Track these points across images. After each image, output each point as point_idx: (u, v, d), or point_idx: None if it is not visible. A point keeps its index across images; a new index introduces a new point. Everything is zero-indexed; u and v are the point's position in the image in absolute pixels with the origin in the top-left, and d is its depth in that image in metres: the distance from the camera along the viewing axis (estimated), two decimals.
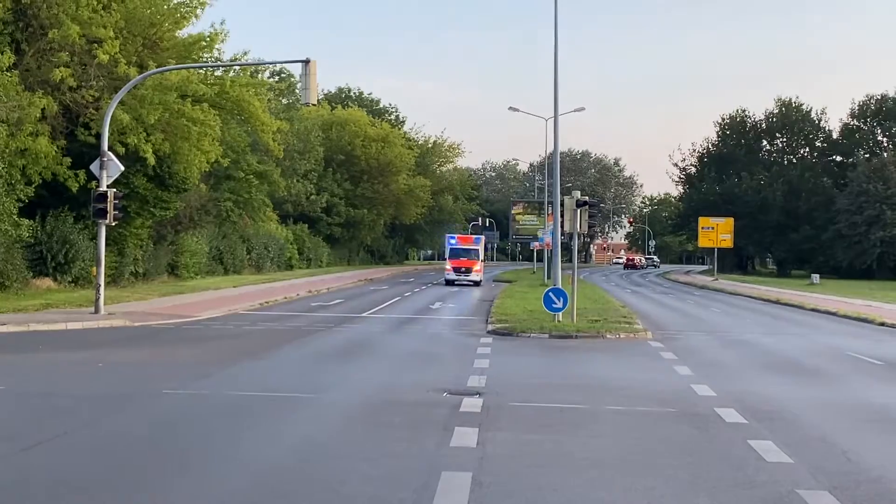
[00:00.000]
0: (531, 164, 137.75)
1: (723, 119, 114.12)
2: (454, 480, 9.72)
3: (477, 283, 60.94)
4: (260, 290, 44.67)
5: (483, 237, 75.95)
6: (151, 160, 36.88)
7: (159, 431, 12.42)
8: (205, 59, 40.64)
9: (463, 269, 61.90)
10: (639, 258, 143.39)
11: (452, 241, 66.14)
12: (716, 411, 14.40)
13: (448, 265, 63.36)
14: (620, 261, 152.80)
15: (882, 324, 34.70)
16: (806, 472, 10.63)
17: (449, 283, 61.07)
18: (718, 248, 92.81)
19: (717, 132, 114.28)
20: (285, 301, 39.52)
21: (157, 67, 35.75)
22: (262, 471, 10.23)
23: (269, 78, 65.24)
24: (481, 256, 65.27)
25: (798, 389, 17.58)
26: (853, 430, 13.56)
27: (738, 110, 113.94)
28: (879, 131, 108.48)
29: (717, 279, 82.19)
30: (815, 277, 77.96)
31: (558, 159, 33.42)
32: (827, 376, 19.93)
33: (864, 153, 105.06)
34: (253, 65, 45.64)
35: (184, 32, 40.50)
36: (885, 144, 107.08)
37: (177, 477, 9.94)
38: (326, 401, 15.06)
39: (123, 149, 35.25)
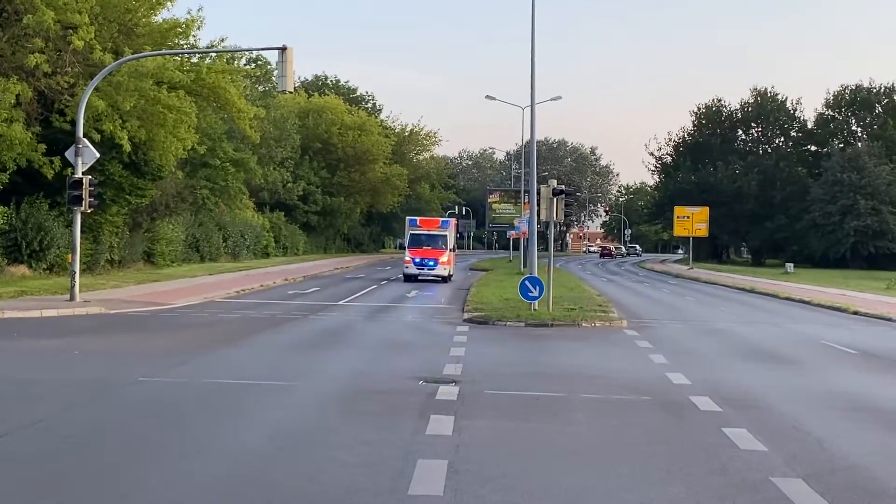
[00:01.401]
0: (508, 153, 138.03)
1: (698, 108, 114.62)
2: (430, 468, 9.75)
3: (445, 279, 49.48)
4: (236, 278, 44.56)
5: (453, 221, 60.73)
6: (127, 147, 36.65)
7: (135, 419, 12.39)
8: (181, 46, 40.35)
9: (426, 260, 49.13)
10: (614, 247, 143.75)
11: (414, 226, 52.72)
12: (690, 399, 14.50)
13: (408, 255, 50.33)
14: (593, 249, 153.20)
15: (856, 313, 34.99)
16: (780, 459, 10.72)
17: (409, 278, 49.14)
18: (694, 237, 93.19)
19: (693, 121, 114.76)
20: (261, 289, 39.44)
21: (132, 54, 35.52)
22: (239, 458, 10.23)
23: (245, 65, 64.85)
24: (451, 245, 51.87)
25: (772, 378, 17.71)
26: (827, 418, 13.68)
27: (713, 100, 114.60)
28: (854, 121, 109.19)
29: (692, 268, 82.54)
30: (790, 266, 78.47)
31: (535, 148, 33.46)
32: (801, 365, 20.09)
33: (839, 143, 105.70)
34: (229, 51, 45.37)
35: (159, 18, 40.24)
36: (860, 134, 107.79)
37: (153, 464, 9.92)
38: (302, 389, 15.07)
39: (99, 136, 35.00)
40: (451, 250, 51.33)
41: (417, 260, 49.24)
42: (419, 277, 48.77)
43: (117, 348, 19.68)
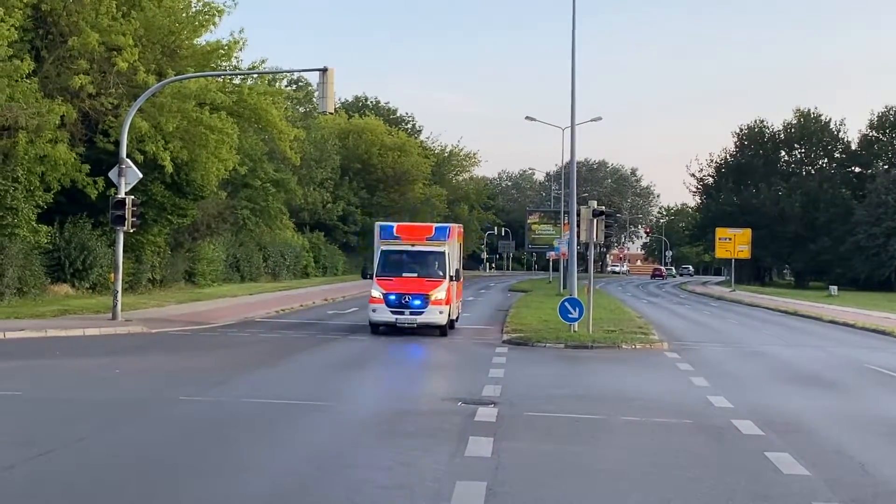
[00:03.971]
0: (547, 174, 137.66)
1: (741, 129, 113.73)
2: (469, 490, 9.70)
3: (442, 330, 28.84)
4: (276, 298, 44.73)
5: (456, 227, 32.78)
6: (169, 168, 37.01)
7: (175, 438, 12.44)
8: (223, 67, 40.74)
9: (408, 297, 28.33)
10: (665, 269, 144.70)
11: (388, 237, 30.13)
12: (732, 423, 14.34)
13: (376, 290, 28.76)
14: (618, 269, 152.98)
15: None
16: (823, 484, 10.57)
17: (378, 328, 28.91)
18: (736, 259, 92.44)
19: (735, 142, 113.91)
20: (301, 309, 39.56)
21: (175, 75, 35.91)
22: (278, 479, 10.23)
23: (286, 86, 65.37)
24: (453, 267, 29.77)
25: (815, 401, 17.50)
26: (871, 442, 13.49)
27: (756, 121, 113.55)
28: None
29: (734, 290, 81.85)
30: (833, 289, 77.56)
31: (575, 169, 33.39)
32: (845, 388, 19.83)
33: (884, 164, 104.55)
34: (271, 73, 45.77)
35: (202, 40, 40.64)
36: None
37: (192, 484, 9.95)
38: (342, 409, 15.07)
39: (142, 156, 35.37)
40: (452, 277, 29.50)
41: (393, 297, 28.37)
42: (398, 325, 28.39)
43: (158, 367, 19.80)
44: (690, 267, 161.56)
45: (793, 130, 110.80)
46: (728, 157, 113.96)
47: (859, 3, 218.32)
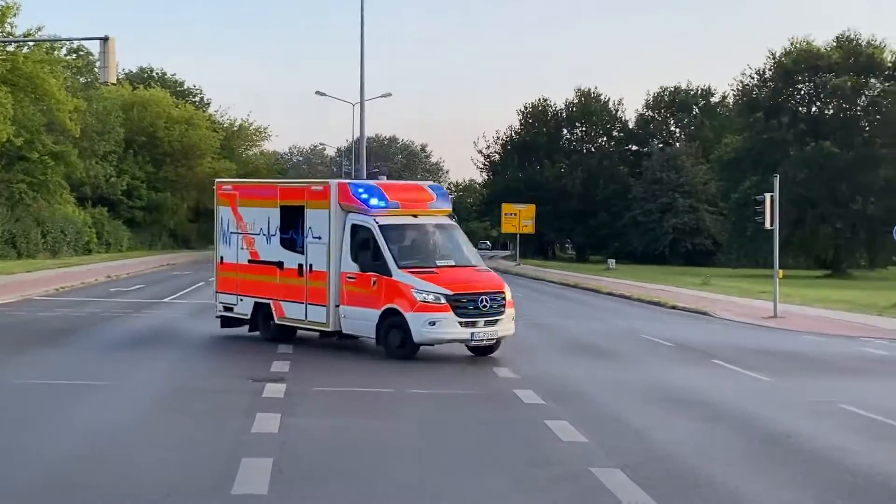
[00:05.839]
0: (338, 149, 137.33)
1: (525, 108, 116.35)
2: (255, 466, 9.67)
3: (497, 344, 19.06)
4: (56, 275, 43.06)
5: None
6: None
7: None
8: None
9: (484, 298, 18.23)
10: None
11: (376, 201, 18.87)
12: (515, 392, 14.77)
13: (424, 290, 17.93)
14: None
15: (673, 307, 36.19)
16: (600, 450, 11.03)
17: (415, 349, 18.34)
18: (521, 234, 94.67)
19: (520, 120, 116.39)
20: (82, 286, 38.23)
21: None
22: (55, 462, 9.92)
23: (66, 55, 62.79)
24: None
25: (594, 371, 18.18)
26: (646, 409, 14.13)
27: (539, 99, 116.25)
28: (672, 122, 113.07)
29: (519, 264, 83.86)
30: (612, 263, 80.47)
31: (365, 144, 33.51)
32: (622, 358, 20.66)
33: (658, 143, 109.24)
34: (48, 41, 43.92)
35: None
36: (678, 134, 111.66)
37: None
38: (125, 388, 14.70)
39: None
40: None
41: (466, 300, 18.22)
42: (473, 343, 18.76)
43: None
44: (488, 242, 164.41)
45: (574, 109, 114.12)
46: (514, 134, 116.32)
47: None
